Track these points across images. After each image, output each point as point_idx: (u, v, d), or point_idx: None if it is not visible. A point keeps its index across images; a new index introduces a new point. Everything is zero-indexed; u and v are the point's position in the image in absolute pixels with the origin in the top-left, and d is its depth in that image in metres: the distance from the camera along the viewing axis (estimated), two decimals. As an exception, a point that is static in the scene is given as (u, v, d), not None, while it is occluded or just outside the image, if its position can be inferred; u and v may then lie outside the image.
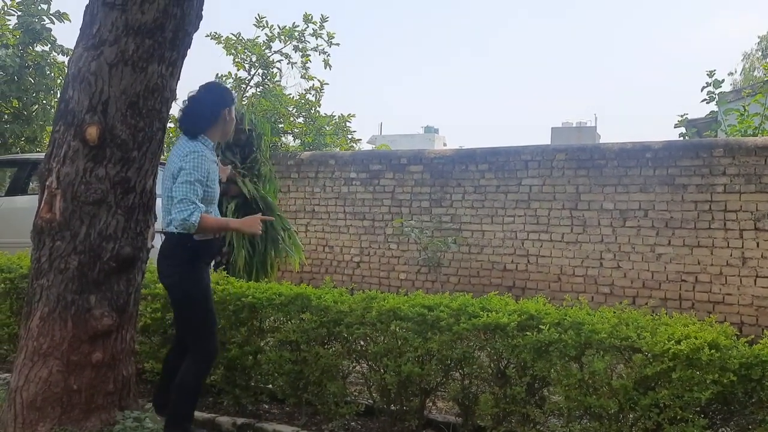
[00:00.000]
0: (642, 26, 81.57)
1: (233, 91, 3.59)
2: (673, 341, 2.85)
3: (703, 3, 72.38)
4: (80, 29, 3.37)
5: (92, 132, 3.23)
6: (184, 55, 3.54)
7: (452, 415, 3.68)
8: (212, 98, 3.39)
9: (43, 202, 3.32)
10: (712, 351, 2.77)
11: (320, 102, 12.01)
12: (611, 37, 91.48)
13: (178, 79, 3.55)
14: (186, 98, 3.44)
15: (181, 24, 3.39)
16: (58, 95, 8.84)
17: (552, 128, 33.71)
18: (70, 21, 10.94)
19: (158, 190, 3.55)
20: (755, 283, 6.68)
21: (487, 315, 3.29)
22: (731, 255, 6.80)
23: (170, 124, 11.43)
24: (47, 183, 3.31)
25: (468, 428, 3.45)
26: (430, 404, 3.78)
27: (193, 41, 3.58)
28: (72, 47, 3.43)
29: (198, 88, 3.43)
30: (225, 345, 3.96)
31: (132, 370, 3.54)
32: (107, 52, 3.26)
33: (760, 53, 26.65)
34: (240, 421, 3.72)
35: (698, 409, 2.82)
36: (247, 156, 5.82)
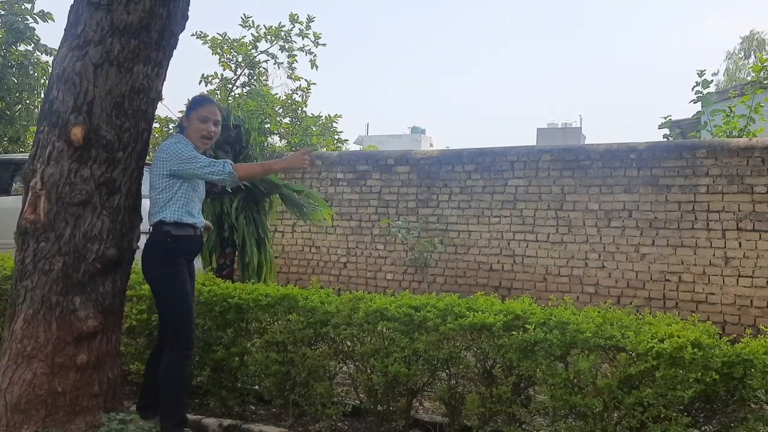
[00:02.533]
0: (630, 27, 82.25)
1: (198, 99, 3.63)
2: (656, 340, 2.88)
3: (693, 5, 73.15)
4: (65, 29, 3.35)
5: (77, 132, 3.21)
6: (170, 56, 3.53)
7: (439, 415, 3.69)
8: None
9: (27, 203, 3.30)
10: (695, 350, 2.80)
11: (307, 102, 12.02)
12: (599, 37, 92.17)
13: (164, 79, 3.54)
14: None
15: (167, 24, 3.38)
16: (42, 95, 8.76)
17: (538, 129, 33.85)
18: (54, 21, 10.86)
19: (144, 191, 3.54)
20: (738, 283, 6.76)
21: (474, 315, 3.31)
22: (714, 255, 6.88)
23: (156, 125, 11.39)
24: (31, 184, 3.29)
25: (455, 428, 3.46)
26: (417, 404, 3.79)
27: (179, 41, 3.57)
28: (56, 47, 3.41)
29: None
30: (211, 346, 3.95)
31: (117, 372, 3.52)
32: (92, 52, 3.24)
33: (742, 53, 26.95)
34: (226, 422, 3.70)
35: (681, 407, 2.85)
36: (239, 153, 5.77)
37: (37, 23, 10.76)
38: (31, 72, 10.91)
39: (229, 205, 5.54)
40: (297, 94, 11.92)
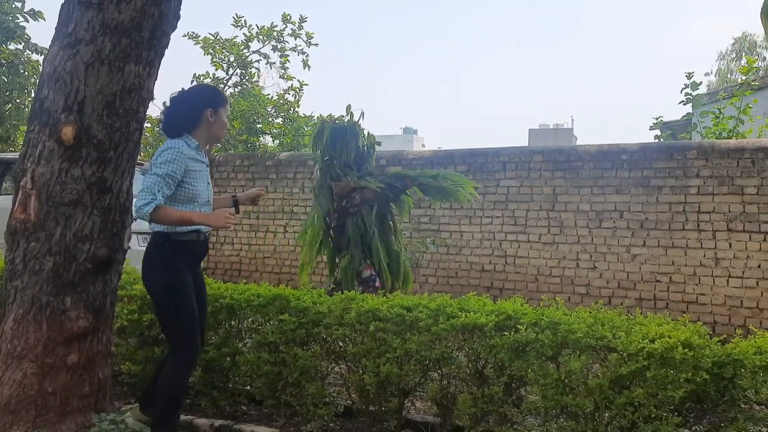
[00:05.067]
0: (625, 27, 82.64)
1: (221, 92, 3.45)
2: (647, 340, 2.90)
3: (688, 5, 73.51)
4: (56, 28, 3.34)
5: (68, 132, 3.20)
6: (162, 55, 3.52)
7: (431, 416, 3.69)
8: (193, 99, 3.29)
9: (17, 202, 3.28)
10: (686, 350, 2.81)
11: (299, 102, 11.99)
12: (593, 38, 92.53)
13: (156, 79, 3.53)
14: (168, 99, 3.35)
15: (158, 24, 3.37)
16: (32, 94, 8.71)
17: (529, 130, 34.05)
18: (44, 19, 10.79)
19: (135, 191, 3.52)
20: (728, 284, 6.80)
21: (466, 315, 3.31)
22: (704, 255, 6.92)
23: (147, 124, 11.32)
24: (22, 183, 3.27)
25: (446, 428, 3.47)
26: (409, 404, 3.79)
27: (170, 41, 3.55)
28: (47, 46, 3.40)
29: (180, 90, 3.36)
30: (202, 347, 3.93)
31: (108, 373, 3.51)
32: (83, 51, 3.23)
33: (734, 54, 27.08)
34: (218, 423, 3.69)
35: (672, 407, 2.86)
36: (361, 166, 5.45)
37: (28, 22, 10.69)
38: (22, 71, 10.84)
39: (369, 220, 5.15)
40: (289, 94, 11.90)
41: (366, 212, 5.13)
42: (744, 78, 9.02)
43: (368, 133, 5.50)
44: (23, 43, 10.78)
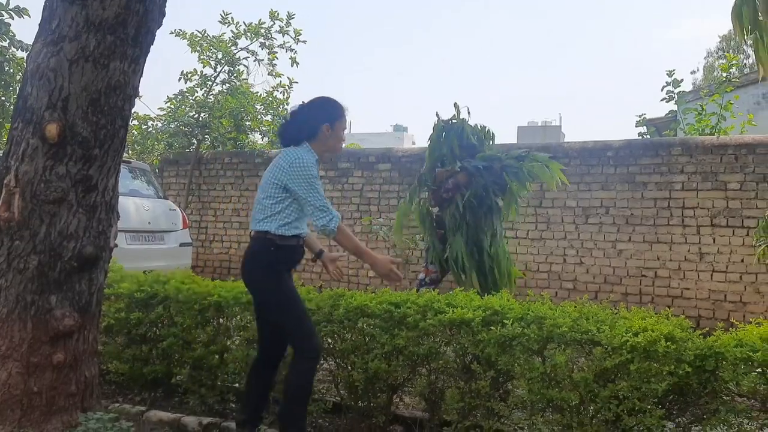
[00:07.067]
0: (611, 27, 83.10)
1: (341, 107, 3.39)
2: (630, 334, 2.93)
3: (671, 5, 74.04)
4: (39, 24, 3.31)
5: (52, 129, 3.17)
6: (147, 52, 3.50)
7: (419, 411, 3.71)
8: (312, 113, 3.33)
9: (1, 200, 3.25)
10: (668, 343, 2.85)
11: (288, 100, 11.92)
12: (579, 37, 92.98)
13: (141, 76, 3.51)
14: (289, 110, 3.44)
15: (143, 20, 3.35)
16: (17, 92, 8.62)
17: (518, 127, 34.09)
18: (29, 17, 10.65)
19: (122, 189, 3.50)
20: (712, 278, 6.88)
21: (453, 311, 3.33)
22: (689, 250, 6.99)
23: (134, 122, 11.23)
24: (5, 181, 3.24)
25: (434, 423, 3.49)
26: (398, 400, 3.81)
27: (156, 38, 3.54)
28: (31, 43, 3.37)
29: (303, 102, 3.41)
30: (190, 344, 3.93)
31: (95, 371, 3.50)
32: (67, 48, 3.20)
33: (720, 52, 27.34)
34: (206, 420, 3.69)
35: (655, 400, 2.90)
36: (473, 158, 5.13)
37: (13, 19, 10.56)
38: (6, 68, 10.72)
39: (460, 199, 4.86)
40: (278, 91, 11.84)
41: (459, 199, 4.87)
42: (725, 75, 9.09)
43: (479, 125, 5.31)
44: (8, 40, 10.66)
